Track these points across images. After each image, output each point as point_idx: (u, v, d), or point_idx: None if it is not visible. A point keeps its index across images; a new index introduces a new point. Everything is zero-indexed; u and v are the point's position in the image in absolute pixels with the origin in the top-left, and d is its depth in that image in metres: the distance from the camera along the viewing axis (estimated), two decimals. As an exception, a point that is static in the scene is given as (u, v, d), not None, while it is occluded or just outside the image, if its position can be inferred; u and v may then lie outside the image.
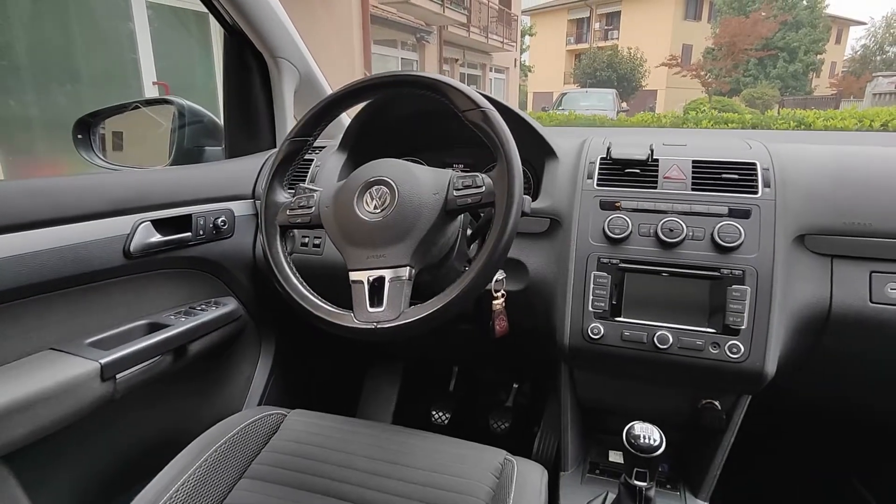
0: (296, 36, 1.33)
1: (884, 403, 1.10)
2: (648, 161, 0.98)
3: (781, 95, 17.62)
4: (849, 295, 0.88)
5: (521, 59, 23.24)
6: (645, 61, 22.44)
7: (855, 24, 29.50)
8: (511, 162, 0.74)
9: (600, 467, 1.08)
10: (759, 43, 18.35)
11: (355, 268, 0.78)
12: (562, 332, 0.94)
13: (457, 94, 0.78)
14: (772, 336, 0.85)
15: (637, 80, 22.62)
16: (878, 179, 0.92)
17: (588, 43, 27.73)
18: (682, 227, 0.90)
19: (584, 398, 1.09)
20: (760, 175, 0.92)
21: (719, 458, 0.98)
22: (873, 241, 0.88)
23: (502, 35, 18.35)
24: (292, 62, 1.35)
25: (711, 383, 0.94)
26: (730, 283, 0.87)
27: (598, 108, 12.50)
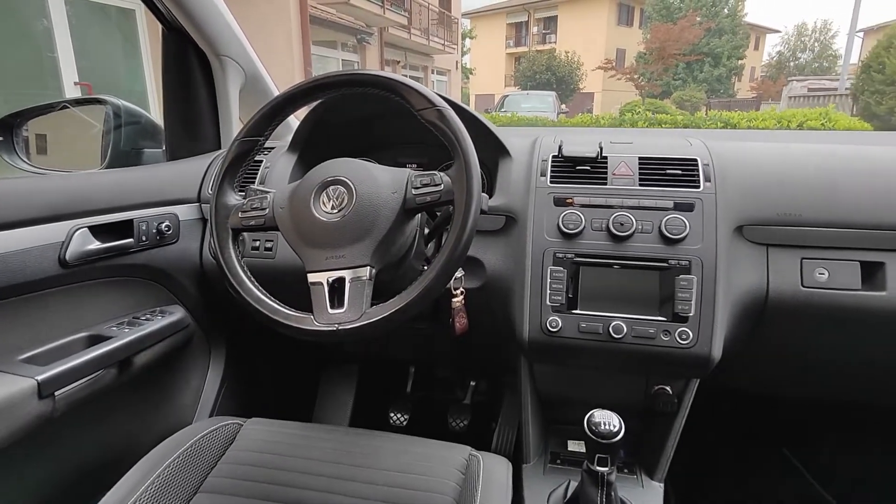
0: (240, 33, 1.29)
1: (813, 382, 1.19)
2: (598, 158, 1.01)
3: (708, 98, 18.67)
4: (783, 281, 0.94)
5: (462, 61, 23.46)
6: (582, 64, 23.18)
7: (771, 31, 31.70)
8: (468, 160, 0.74)
9: (561, 457, 1.11)
10: (686, 48, 19.34)
11: (314, 269, 0.77)
12: (521, 327, 0.96)
13: (412, 93, 0.78)
14: (717, 322, 0.89)
15: (575, 83, 23.32)
16: (805, 174, 0.99)
17: (527, 46, 28.35)
18: (631, 220, 0.94)
19: (544, 391, 1.11)
20: (701, 170, 0.97)
21: (672, 440, 1.02)
22: (803, 230, 0.94)
23: (443, 37, 18.46)
24: (237, 60, 1.31)
25: (663, 369, 0.98)
26: (677, 272, 0.91)
27: (540, 109, 12.80)
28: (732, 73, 22.55)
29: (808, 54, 29.54)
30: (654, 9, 22.81)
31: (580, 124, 7.23)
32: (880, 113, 6.58)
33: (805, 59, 29.40)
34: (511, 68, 28.79)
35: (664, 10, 22.22)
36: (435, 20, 17.65)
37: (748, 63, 26.01)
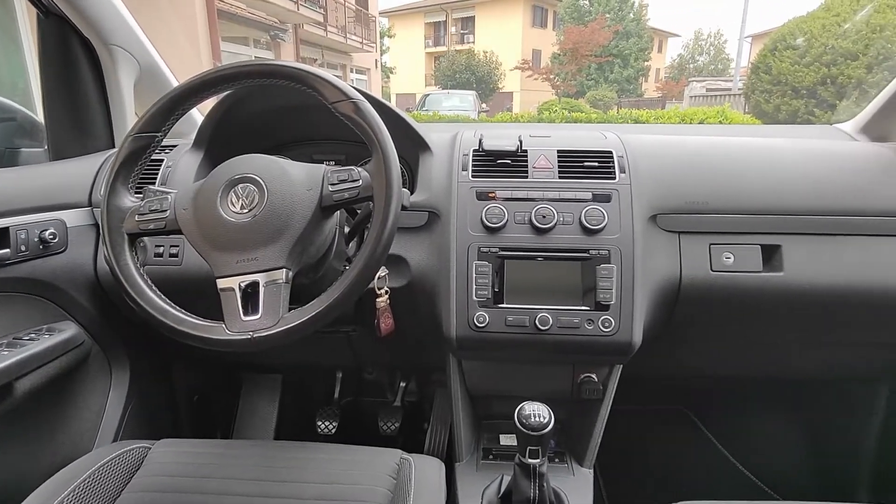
0: (131, 21, 1.18)
1: (723, 360, 1.26)
2: (518, 152, 1.02)
3: (619, 97, 19.68)
4: (694, 266, 0.99)
5: (382, 60, 23.30)
6: (500, 64, 23.70)
7: (672, 36, 33.98)
8: (387, 154, 0.72)
9: (493, 452, 1.10)
10: (597, 50, 20.30)
11: (224, 274, 0.71)
12: (448, 324, 0.95)
13: (325, 84, 0.74)
14: (636, 309, 0.92)
15: (494, 83, 23.81)
16: (710, 164, 1.05)
17: (446, 46, 28.59)
18: (553, 213, 0.95)
19: (473, 387, 1.10)
20: (616, 162, 1.00)
21: (599, 426, 1.05)
22: (710, 217, 1.00)
23: (361, 36, 18.23)
24: (129, 51, 1.20)
25: (588, 357, 1.00)
26: (598, 262, 0.93)
27: (461, 108, 12.96)
28: (640, 74, 23.95)
29: (705, 57, 31.98)
30: (566, 11, 23.73)
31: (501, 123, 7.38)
32: (768, 110, 7.24)
33: (702, 61, 31.81)
34: (431, 68, 28.93)
35: (576, 13, 23.19)
36: (352, 18, 17.39)
37: (653, 65, 27.68)
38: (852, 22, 6.19)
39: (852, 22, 6.19)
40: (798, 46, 6.84)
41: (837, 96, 6.46)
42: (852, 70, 6.27)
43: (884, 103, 1.22)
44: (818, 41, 6.48)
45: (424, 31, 29.65)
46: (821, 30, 6.57)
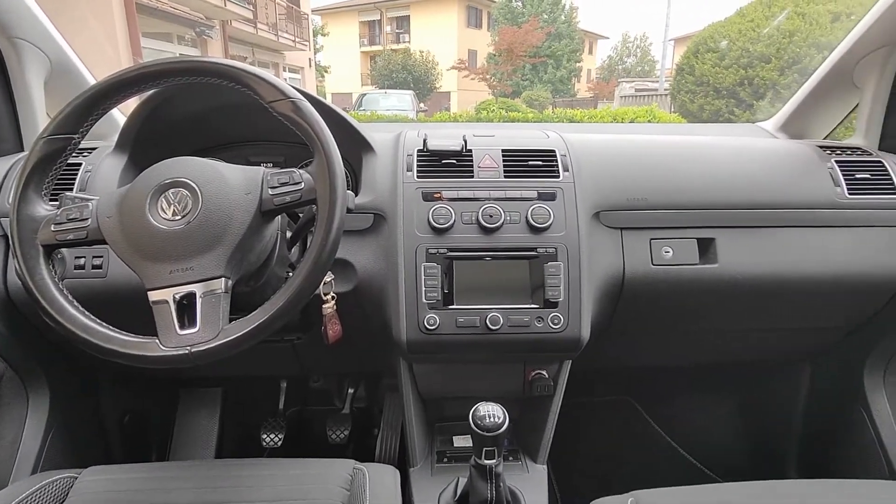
0: (37, 11, 1.08)
1: (665, 350, 1.31)
2: (463, 152, 1.01)
3: (553, 97, 20.22)
4: (636, 261, 1.02)
5: (316, 59, 22.81)
6: (437, 64, 23.75)
7: (601, 38, 35.31)
8: (330, 155, 0.69)
9: (447, 455, 1.09)
10: (531, 51, 20.72)
11: (156, 286, 0.67)
12: (398, 327, 0.93)
13: (261, 83, 0.70)
14: (584, 304, 0.94)
15: (431, 82, 23.84)
16: (648, 162, 1.08)
17: (381, 45, 28.36)
18: (500, 212, 0.95)
19: (425, 390, 1.09)
20: (560, 161, 1.01)
21: (551, 422, 1.06)
22: (650, 213, 1.03)
23: (294, 34, 17.76)
24: (36, 45, 1.09)
25: (539, 355, 1.01)
26: (546, 260, 0.94)
27: (398, 108, 12.91)
28: (572, 75, 24.74)
29: (633, 59, 33.46)
30: (500, 12, 24.16)
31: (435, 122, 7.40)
32: (693, 110, 7.69)
33: (630, 63, 33.26)
34: (367, 67, 28.61)
35: (509, 14, 23.63)
36: (283, 15, 16.90)
37: (585, 66, 28.65)
38: (769, 28, 6.67)
39: (769, 28, 6.67)
40: (719, 49, 7.29)
41: (754, 96, 6.95)
42: (766, 72, 6.76)
43: (798, 104, 1.31)
44: (736, 45, 6.95)
45: (359, 29, 29.26)
46: (737, 34, 7.04)
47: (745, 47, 6.85)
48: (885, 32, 1.09)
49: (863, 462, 1.17)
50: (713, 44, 7.35)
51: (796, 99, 1.32)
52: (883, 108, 1.15)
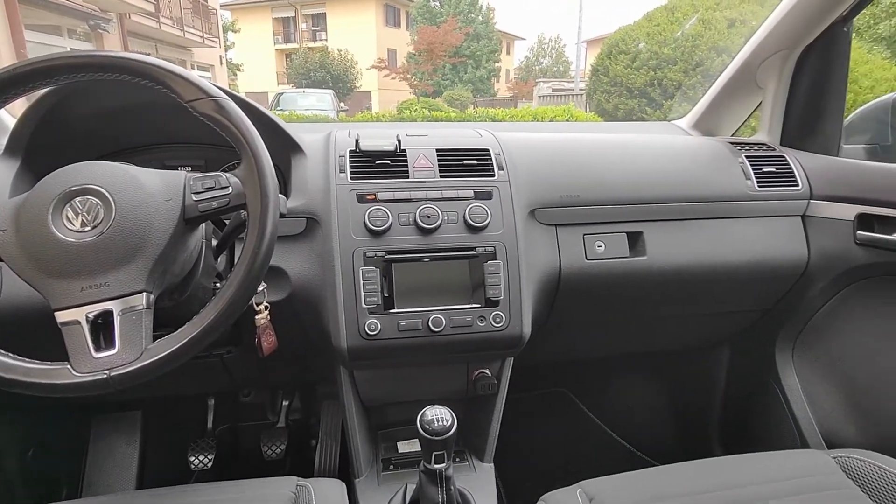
0: None
1: (600, 340, 1.36)
2: (397, 152, 0.99)
3: (474, 97, 20.51)
4: (571, 256, 1.05)
5: (226, 56, 21.80)
6: (356, 63, 23.41)
7: (518, 39, 36.34)
8: (259, 157, 0.65)
9: (393, 462, 1.07)
10: (451, 50, 20.94)
11: (64, 305, 0.60)
12: (337, 335, 0.89)
13: (179, 81, 0.65)
14: (524, 302, 0.95)
15: (351, 81, 23.48)
16: (579, 160, 1.11)
17: (297, 43, 27.57)
18: (437, 212, 0.94)
19: (367, 397, 1.06)
20: (494, 159, 1.02)
21: (496, 420, 1.06)
22: (582, 210, 1.06)
23: (202, 29, 16.84)
24: None
25: (482, 354, 1.01)
26: (485, 259, 0.94)
27: (318, 108, 12.62)
28: (492, 75, 25.24)
29: (549, 60, 34.63)
30: (418, 12, 24.19)
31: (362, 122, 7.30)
32: (609, 109, 8.10)
33: (546, 63, 34.41)
34: (283, 65, 27.70)
35: (428, 14, 23.72)
36: (189, 9, 15.97)
37: (503, 66, 29.32)
38: (680, 32, 7.15)
39: (680, 32, 7.15)
40: (630, 52, 7.73)
41: (664, 96, 7.45)
42: (674, 74, 7.27)
43: (708, 103, 1.40)
44: (645, 47, 7.41)
45: (273, 26, 28.25)
46: (646, 37, 7.51)
47: (654, 50, 7.33)
48: (782, 38, 1.19)
49: (778, 432, 1.27)
50: (625, 46, 7.79)
51: (706, 99, 1.41)
52: (782, 107, 1.25)
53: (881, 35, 12.41)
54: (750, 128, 1.43)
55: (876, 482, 0.77)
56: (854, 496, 0.76)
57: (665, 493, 0.77)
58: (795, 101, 1.23)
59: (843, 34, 1.15)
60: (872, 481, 0.77)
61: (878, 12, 4.80)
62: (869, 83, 3.52)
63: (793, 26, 1.16)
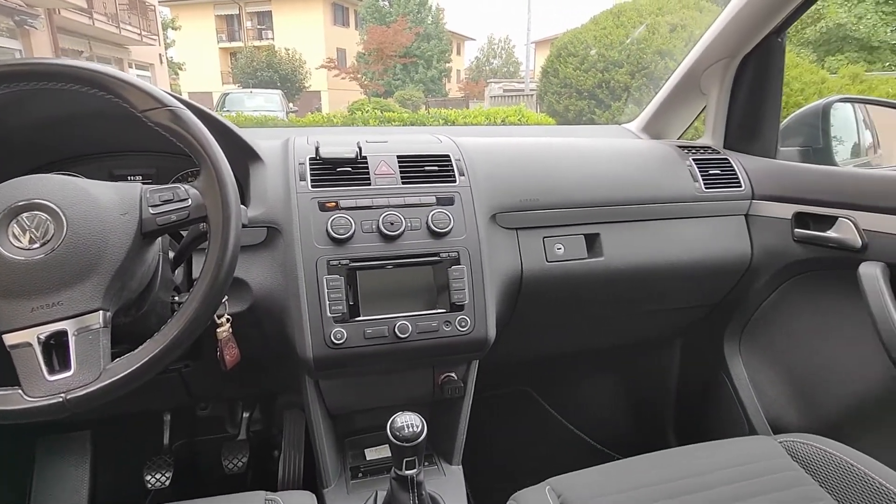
0: None
1: (561, 339, 1.39)
2: (358, 159, 0.98)
3: (426, 97, 20.51)
4: (532, 259, 1.07)
5: (167, 54, 20.98)
6: (305, 62, 22.98)
7: (468, 39, 36.66)
8: (219, 168, 0.64)
9: (362, 470, 1.06)
10: (401, 50, 20.83)
11: (13, 327, 0.57)
12: (302, 344, 0.88)
13: (132, 90, 0.63)
14: (488, 305, 0.96)
15: (300, 81, 23.02)
16: (537, 164, 1.14)
17: (242, 41, 26.79)
18: (400, 219, 0.94)
19: (333, 405, 1.05)
20: (455, 165, 1.03)
21: (463, 422, 1.08)
22: (542, 213, 1.09)
23: (139, 26, 16.15)
24: None
25: (449, 358, 1.02)
26: (449, 264, 0.95)
27: (266, 109, 12.31)
28: (443, 75, 25.30)
29: (499, 61, 35.02)
30: (367, 11, 23.95)
31: (313, 123, 7.18)
32: (559, 110, 8.28)
33: (496, 64, 34.79)
34: (228, 64, 26.85)
35: (377, 14, 23.53)
36: (125, 5, 15.28)
37: (454, 66, 29.47)
38: (631, 38, 7.40)
39: (631, 38, 7.40)
40: (579, 54, 7.94)
41: (612, 98, 7.69)
42: (620, 76, 7.52)
43: (656, 108, 1.46)
44: (596, 52, 7.63)
45: (216, 24, 27.33)
46: (593, 40, 7.74)
47: (602, 53, 7.58)
48: (723, 47, 1.25)
49: (729, 421, 1.34)
50: (573, 49, 8.00)
51: (654, 103, 1.47)
52: (725, 112, 1.32)
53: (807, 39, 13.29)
54: (694, 129, 1.51)
55: (818, 463, 0.83)
56: (799, 478, 0.81)
57: (627, 486, 0.80)
58: (736, 107, 1.30)
59: (778, 44, 1.22)
60: (815, 462, 0.83)
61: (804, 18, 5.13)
62: (799, 86, 3.77)
63: (732, 37, 1.22)
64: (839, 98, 1.35)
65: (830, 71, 5.41)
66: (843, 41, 12.76)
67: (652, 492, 0.78)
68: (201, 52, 26.41)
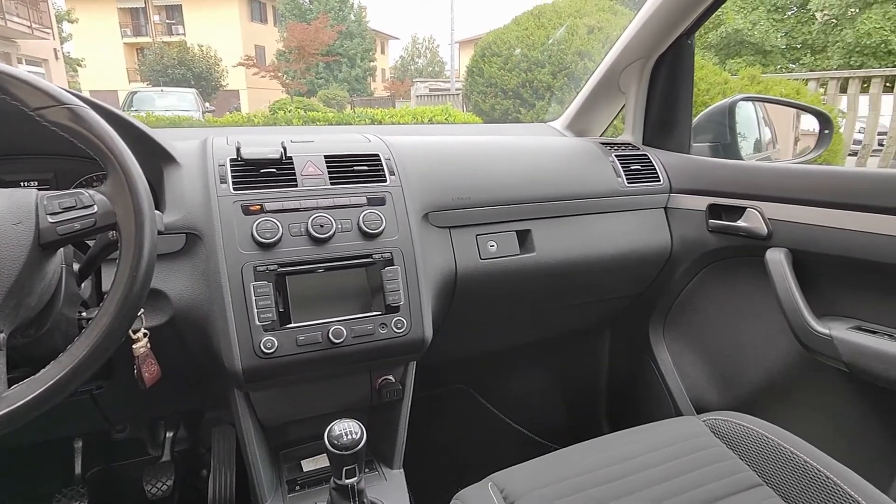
0: None
1: (496, 335, 1.41)
2: (283, 159, 0.94)
3: (351, 96, 20.19)
4: (466, 257, 1.07)
5: (63, 49, 19.36)
6: (221, 60, 21.96)
7: (392, 38, 36.42)
8: (129, 171, 0.59)
9: (299, 482, 1.02)
10: (323, 48, 20.37)
11: None
12: (230, 356, 0.84)
13: (23, 87, 0.57)
14: (424, 305, 0.95)
15: (216, 80, 21.98)
16: (468, 162, 1.14)
17: (150, 37, 25.19)
18: (330, 221, 0.91)
19: (266, 417, 1.00)
20: (385, 165, 1.01)
21: (403, 425, 1.06)
22: (474, 211, 1.09)
23: (29, 18, 14.80)
24: None
25: (386, 361, 1.00)
26: (382, 266, 0.93)
27: (180, 108, 11.64)
28: (367, 74, 25.02)
29: (424, 60, 35.14)
30: (286, 8, 23.24)
31: (233, 123, 6.87)
32: (486, 109, 8.42)
33: (421, 63, 34.88)
34: (134, 61, 25.16)
35: (296, 10, 22.88)
36: (12, -4, 13.97)
37: (379, 65, 29.20)
38: (553, 39, 7.64)
39: (553, 39, 7.64)
40: (503, 54, 8.11)
41: (535, 97, 7.91)
42: (543, 76, 7.75)
43: (579, 106, 1.51)
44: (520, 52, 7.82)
45: (119, 17, 25.51)
46: (515, 40, 7.94)
47: (525, 53, 7.79)
48: (638, 48, 1.31)
49: (657, 404, 1.41)
50: (497, 49, 8.17)
51: (577, 102, 1.52)
52: (643, 110, 1.38)
53: (710, 43, 14.34)
54: (613, 127, 1.57)
55: (738, 439, 0.88)
56: (721, 453, 0.86)
57: (565, 475, 0.82)
58: (652, 105, 1.37)
59: (688, 46, 1.30)
60: (735, 438, 0.89)
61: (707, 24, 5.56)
62: (705, 86, 4.08)
63: (647, 38, 1.28)
64: (742, 97, 1.46)
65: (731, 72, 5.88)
66: (740, 45, 13.94)
67: (588, 479, 0.80)
68: (103, 47, 24.53)
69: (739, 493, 0.78)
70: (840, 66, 12.63)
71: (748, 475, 0.81)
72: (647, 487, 0.79)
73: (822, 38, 13.86)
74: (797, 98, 4.05)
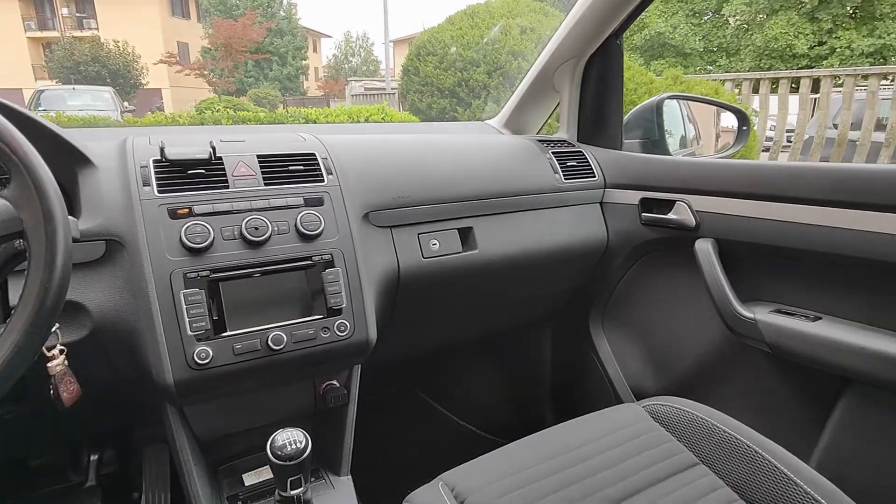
0: None
1: (441, 334, 1.40)
2: (212, 160, 0.90)
3: (283, 96, 19.64)
4: (408, 256, 1.06)
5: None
6: (139, 57, 20.72)
7: (325, 36, 35.66)
8: (37, 173, 0.55)
9: (241, 498, 0.98)
10: (252, 46, 19.66)
11: None
12: (160, 369, 0.79)
13: None
14: (367, 307, 0.94)
15: (135, 77, 20.73)
16: (408, 161, 1.13)
17: (58, 31, 23.39)
18: (266, 223, 0.88)
19: (202, 432, 0.96)
20: (322, 164, 0.99)
21: (349, 430, 1.04)
22: (415, 210, 1.08)
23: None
24: None
25: (329, 365, 0.97)
26: (322, 268, 0.90)
27: (95, 108, 10.89)
28: (300, 73, 24.41)
29: (358, 59, 34.66)
30: (210, 3, 22.27)
31: (156, 124, 6.50)
32: (422, 108, 8.40)
33: (356, 62, 34.39)
34: (41, 57, 23.27)
35: (222, 6, 21.98)
36: None
37: (311, 64, 28.55)
38: (488, 39, 7.71)
39: (488, 39, 7.71)
40: (438, 53, 8.12)
41: (471, 96, 7.98)
42: (478, 75, 7.83)
43: (515, 104, 1.53)
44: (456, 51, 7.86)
45: (21, 10, 23.48)
46: (450, 40, 7.97)
47: (460, 52, 7.84)
48: (570, 48, 1.35)
49: (599, 394, 1.45)
50: (432, 48, 8.18)
51: (513, 100, 1.54)
52: (576, 107, 1.42)
53: (636, 45, 15.01)
54: (548, 125, 1.60)
55: (676, 422, 0.92)
56: (661, 437, 0.89)
57: (513, 469, 0.83)
58: (585, 103, 1.41)
59: (617, 46, 1.35)
60: (673, 421, 0.93)
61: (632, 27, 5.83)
62: (633, 86, 4.28)
63: (578, 38, 1.32)
64: (668, 95, 1.53)
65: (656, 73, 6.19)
66: (663, 47, 14.74)
67: (537, 471, 0.82)
68: (3, 42, 22.54)
69: (679, 473, 0.81)
70: (752, 67, 13.61)
71: (686, 456, 0.85)
72: (592, 475, 0.81)
73: (736, 41, 14.91)
74: (716, 97, 4.32)
